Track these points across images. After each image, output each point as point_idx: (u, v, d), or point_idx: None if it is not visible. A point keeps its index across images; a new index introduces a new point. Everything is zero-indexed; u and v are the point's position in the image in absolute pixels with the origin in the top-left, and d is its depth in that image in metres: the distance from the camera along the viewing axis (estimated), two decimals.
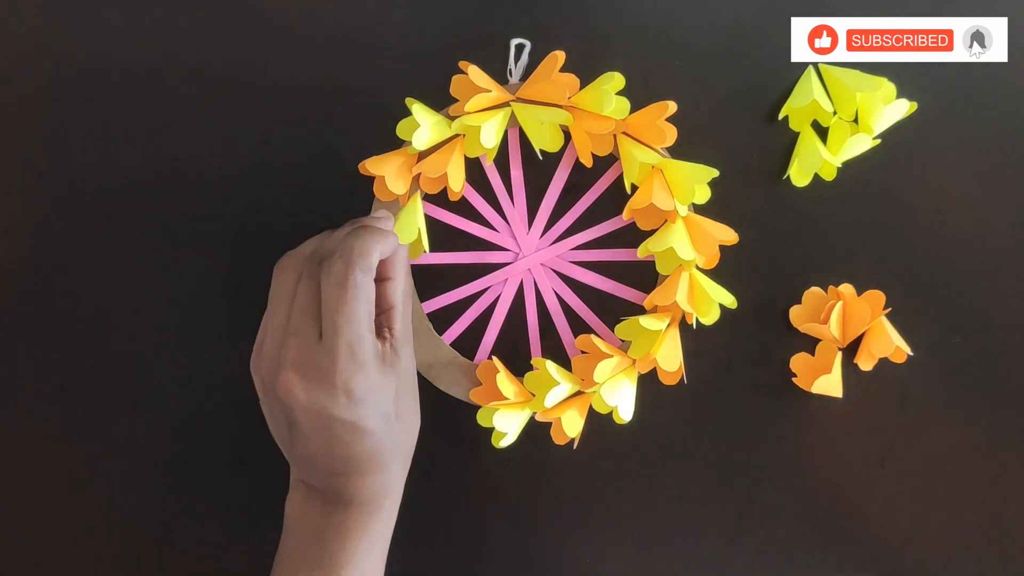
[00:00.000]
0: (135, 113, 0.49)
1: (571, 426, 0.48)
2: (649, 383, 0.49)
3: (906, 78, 0.48)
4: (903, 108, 0.47)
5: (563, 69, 0.47)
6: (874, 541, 0.51)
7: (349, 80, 0.49)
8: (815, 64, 0.48)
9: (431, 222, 0.49)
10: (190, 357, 0.49)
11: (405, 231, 0.46)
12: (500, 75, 0.48)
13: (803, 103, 0.47)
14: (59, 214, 0.50)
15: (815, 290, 0.49)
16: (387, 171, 0.46)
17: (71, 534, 0.51)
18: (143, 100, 0.49)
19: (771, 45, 0.49)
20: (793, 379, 0.49)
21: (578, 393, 0.49)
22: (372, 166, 0.46)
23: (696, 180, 0.46)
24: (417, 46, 0.49)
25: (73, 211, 0.50)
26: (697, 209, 0.48)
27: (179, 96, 0.49)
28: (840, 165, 0.48)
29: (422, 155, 0.47)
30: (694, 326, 0.48)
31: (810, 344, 0.50)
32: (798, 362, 0.49)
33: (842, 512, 0.51)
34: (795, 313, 0.49)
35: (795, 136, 0.49)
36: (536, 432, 0.49)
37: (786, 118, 0.48)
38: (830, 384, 0.48)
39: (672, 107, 0.47)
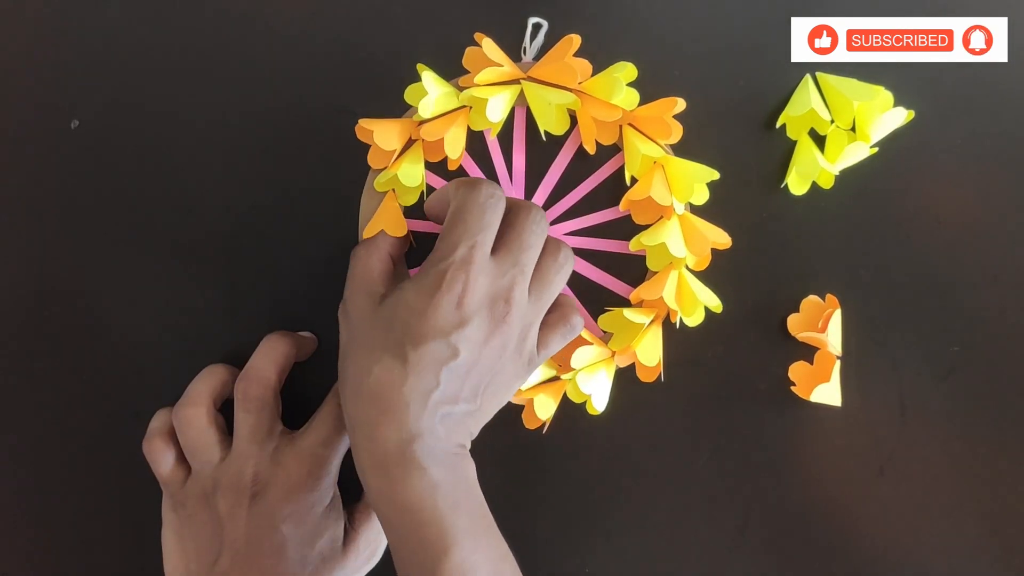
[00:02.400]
0: (133, 115, 0.49)
1: (543, 410, 0.48)
2: (648, 391, 0.49)
3: (905, 80, 0.48)
4: (900, 116, 0.47)
5: (577, 55, 0.47)
6: (873, 550, 0.50)
7: (363, 50, 0.49)
8: (813, 73, 0.48)
9: (428, 190, 0.49)
10: (190, 367, 0.49)
11: (410, 175, 0.46)
12: (515, 53, 0.48)
13: (801, 112, 0.47)
14: (57, 222, 0.50)
15: (813, 298, 0.49)
16: (379, 128, 0.46)
17: (70, 543, 0.51)
18: (141, 102, 0.49)
19: (771, 47, 0.49)
20: (792, 388, 0.49)
21: (554, 379, 0.48)
22: (368, 124, 0.46)
23: (696, 179, 0.46)
24: (434, 18, 0.49)
25: (71, 219, 0.49)
26: (694, 211, 0.48)
27: (177, 98, 0.49)
28: (837, 174, 0.48)
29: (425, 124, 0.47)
30: (677, 325, 0.48)
31: (808, 352, 0.49)
32: (796, 371, 0.49)
33: (841, 521, 0.50)
34: (793, 321, 0.49)
35: (793, 143, 0.49)
36: (528, 440, 0.49)
37: (784, 126, 0.48)
38: (829, 393, 0.48)
39: (681, 104, 0.47)
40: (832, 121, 0.48)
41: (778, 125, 0.48)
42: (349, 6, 0.49)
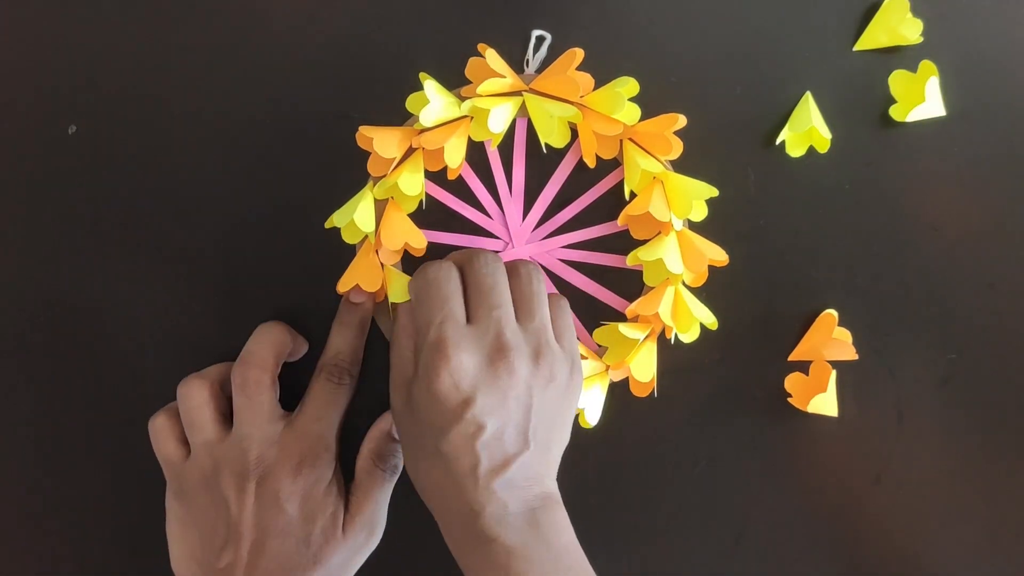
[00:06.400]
0: (131, 120, 0.49)
1: None
2: (644, 400, 0.49)
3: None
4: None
5: (579, 68, 0.47)
6: (870, 559, 0.51)
7: (366, 58, 0.49)
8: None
9: (427, 199, 0.49)
10: (186, 372, 0.48)
11: (410, 184, 0.46)
12: (518, 65, 0.48)
13: (801, 129, 0.48)
14: (55, 227, 0.49)
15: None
16: (379, 136, 0.46)
17: (68, 544, 0.50)
18: (139, 107, 0.49)
19: (775, 62, 0.49)
20: (788, 399, 0.49)
21: None
22: (368, 131, 0.46)
23: (695, 196, 0.46)
24: (436, 28, 0.49)
25: (69, 223, 0.49)
26: (692, 226, 0.48)
27: (176, 103, 0.49)
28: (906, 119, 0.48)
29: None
30: (672, 341, 0.48)
31: (804, 363, 0.50)
32: (792, 382, 0.49)
33: (838, 530, 0.51)
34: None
35: (793, 159, 0.49)
36: None
37: (783, 142, 0.49)
38: (825, 403, 0.48)
39: (682, 120, 0.47)
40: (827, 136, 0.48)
41: (777, 142, 0.48)
42: (351, 13, 0.49)
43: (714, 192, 0.46)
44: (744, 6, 0.49)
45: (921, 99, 0.47)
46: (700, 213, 0.48)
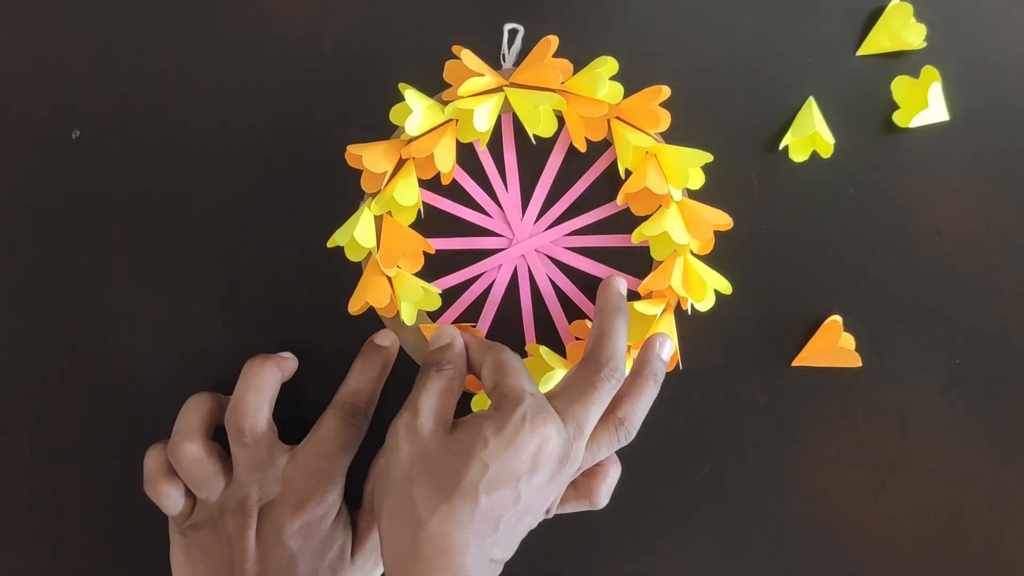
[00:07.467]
0: (133, 125, 0.49)
1: None
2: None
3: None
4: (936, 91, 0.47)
5: (556, 55, 0.47)
6: (875, 564, 0.51)
7: (339, 70, 0.49)
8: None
9: (425, 208, 0.49)
10: (188, 376, 0.49)
11: (405, 194, 0.46)
12: (494, 61, 0.48)
13: (804, 135, 0.47)
14: (57, 231, 0.50)
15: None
16: (368, 152, 0.46)
17: (67, 549, 0.51)
18: (141, 112, 0.49)
19: (780, 69, 0.49)
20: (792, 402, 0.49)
21: None
22: (356, 149, 0.46)
23: (690, 164, 0.46)
24: (410, 32, 0.49)
25: (71, 228, 0.50)
26: (692, 195, 0.48)
27: (178, 108, 0.49)
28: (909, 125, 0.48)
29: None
30: (689, 312, 0.48)
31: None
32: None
33: (842, 534, 0.51)
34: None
35: (795, 163, 0.49)
36: None
37: (787, 147, 0.48)
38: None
39: (666, 91, 0.46)
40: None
41: (780, 147, 0.48)
42: (348, 21, 0.49)
43: (708, 157, 0.46)
44: (747, 11, 0.48)
45: (924, 104, 0.47)
46: (697, 181, 0.48)
